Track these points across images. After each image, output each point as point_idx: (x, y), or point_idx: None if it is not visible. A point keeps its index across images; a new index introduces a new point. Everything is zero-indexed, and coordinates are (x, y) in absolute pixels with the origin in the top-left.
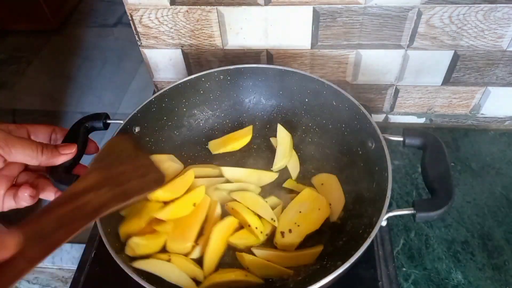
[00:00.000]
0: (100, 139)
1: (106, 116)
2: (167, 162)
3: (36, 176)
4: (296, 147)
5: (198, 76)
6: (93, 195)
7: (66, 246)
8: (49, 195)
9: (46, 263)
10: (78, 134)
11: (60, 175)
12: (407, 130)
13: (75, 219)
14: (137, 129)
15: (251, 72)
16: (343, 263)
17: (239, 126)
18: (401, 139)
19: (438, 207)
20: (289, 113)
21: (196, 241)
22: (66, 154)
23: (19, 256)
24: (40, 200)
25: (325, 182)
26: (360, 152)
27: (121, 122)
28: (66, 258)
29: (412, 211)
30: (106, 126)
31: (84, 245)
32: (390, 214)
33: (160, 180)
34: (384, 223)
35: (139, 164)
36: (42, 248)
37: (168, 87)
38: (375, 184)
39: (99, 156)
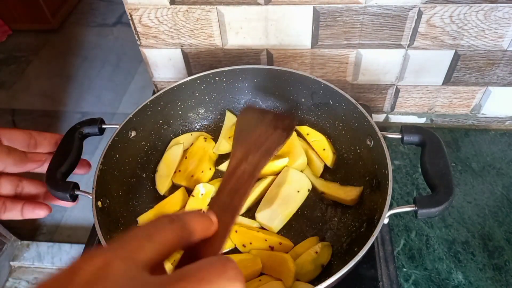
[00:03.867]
0: (98, 142)
1: (101, 121)
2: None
3: (19, 179)
4: None
5: (193, 78)
6: (245, 164)
7: (65, 247)
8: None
9: (46, 264)
10: (73, 140)
11: (57, 182)
12: (405, 127)
13: (241, 186)
14: (133, 133)
15: (247, 73)
16: (347, 263)
17: (291, 114)
18: (399, 136)
19: (439, 203)
20: (286, 113)
21: None
22: (35, 162)
23: (219, 225)
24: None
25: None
26: (359, 151)
27: (117, 126)
28: (66, 258)
29: (414, 208)
30: (102, 131)
31: (83, 246)
32: (392, 211)
33: (290, 124)
34: (386, 221)
35: (268, 122)
36: (229, 214)
37: (163, 90)
38: (375, 182)
39: (236, 133)
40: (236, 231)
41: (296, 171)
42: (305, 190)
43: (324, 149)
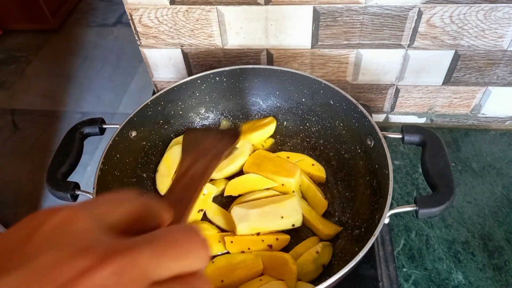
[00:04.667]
0: (98, 142)
1: (102, 121)
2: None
3: None
4: (295, 147)
5: (193, 78)
6: (194, 168)
7: None
8: None
9: None
10: (73, 141)
11: (57, 182)
12: (406, 127)
13: (192, 184)
14: (133, 133)
15: (247, 73)
16: (347, 262)
17: (236, 128)
18: (400, 136)
19: (440, 203)
20: (287, 113)
21: None
22: None
23: (174, 217)
24: None
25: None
26: (359, 151)
27: (117, 126)
28: None
29: (415, 208)
30: (102, 131)
31: None
32: (393, 211)
33: (236, 134)
34: (387, 221)
35: (213, 136)
36: (183, 205)
37: (163, 90)
38: (375, 182)
39: (184, 147)
40: (231, 242)
41: (296, 202)
42: (288, 222)
43: (313, 164)
